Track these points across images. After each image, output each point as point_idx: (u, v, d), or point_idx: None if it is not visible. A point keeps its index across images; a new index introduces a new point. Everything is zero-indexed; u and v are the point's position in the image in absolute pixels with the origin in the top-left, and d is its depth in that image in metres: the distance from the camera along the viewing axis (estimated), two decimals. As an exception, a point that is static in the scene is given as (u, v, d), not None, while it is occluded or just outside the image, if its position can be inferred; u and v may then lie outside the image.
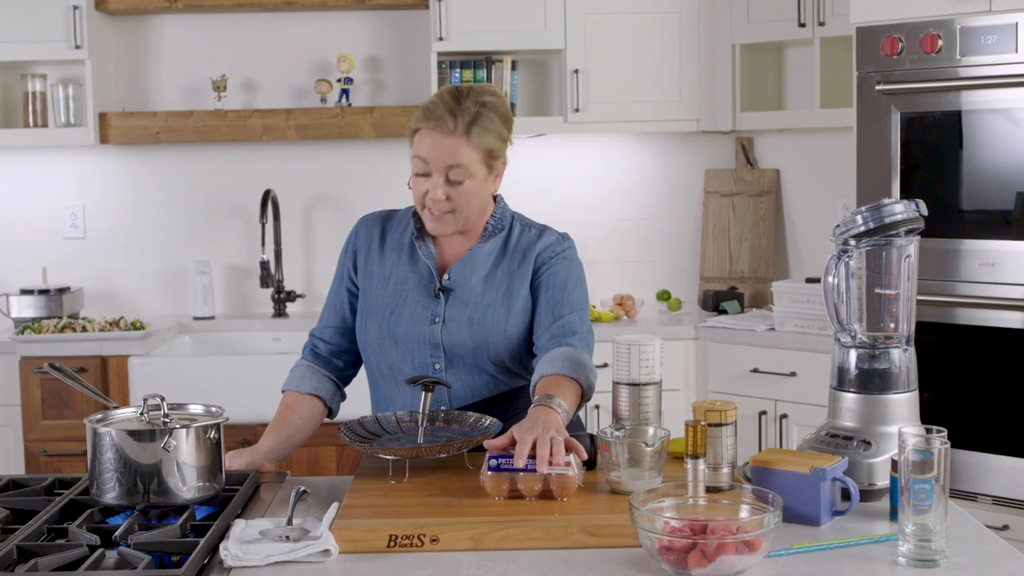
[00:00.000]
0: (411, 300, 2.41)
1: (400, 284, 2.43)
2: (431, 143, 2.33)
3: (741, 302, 4.51)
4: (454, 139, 2.32)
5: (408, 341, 2.40)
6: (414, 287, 2.42)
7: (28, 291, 4.45)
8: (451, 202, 2.35)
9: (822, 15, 4.16)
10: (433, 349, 2.39)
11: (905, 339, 2.15)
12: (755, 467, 2.02)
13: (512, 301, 2.41)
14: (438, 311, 2.40)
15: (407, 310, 2.41)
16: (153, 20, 4.70)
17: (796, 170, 4.70)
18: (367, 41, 4.74)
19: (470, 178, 2.34)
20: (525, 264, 2.44)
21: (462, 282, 2.41)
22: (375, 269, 2.47)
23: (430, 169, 2.33)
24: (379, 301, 2.43)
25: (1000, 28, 3.46)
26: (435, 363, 2.40)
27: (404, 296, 2.42)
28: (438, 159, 2.32)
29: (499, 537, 1.88)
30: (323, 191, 4.76)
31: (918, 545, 1.79)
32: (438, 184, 2.33)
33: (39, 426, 4.09)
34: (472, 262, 2.43)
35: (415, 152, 2.35)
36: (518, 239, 2.46)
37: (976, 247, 3.57)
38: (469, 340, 2.39)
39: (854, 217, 2.12)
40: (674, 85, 4.49)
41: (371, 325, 2.43)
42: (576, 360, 2.30)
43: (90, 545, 1.83)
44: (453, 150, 2.32)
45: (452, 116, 2.32)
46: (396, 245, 2.48)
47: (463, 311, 2.39)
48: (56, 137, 4.52)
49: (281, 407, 2.46)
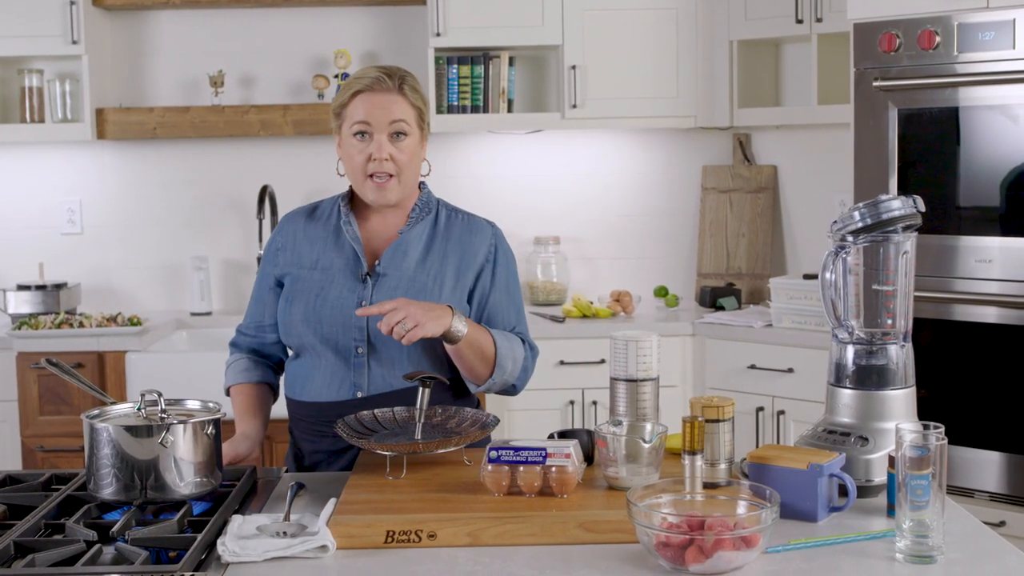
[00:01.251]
0: (337, 283, 2.44)
1: (326, 269, 2.46)
2: (371, 103, 2.40)
3: (738, 298, 4.51)
4: (393, 95, 2.41)
5: (333, 324, 2.41)
6: (340, 271, 2.45)
7: (25, 287, 4.45)
8: (394, 163, 2.40)
9: (819, 11, 4.16)
10: (358, 332, 2.40)
11: (902, 335, 2.15)
12: (752, 463, 2.02)
13: (443, 290, 2.44)
14: (364, 295, 2.42)
15: (332, 293, 2.43)
16: (150, 15, 4.70)
17: (794, 166, 4.70)
18: (364, 37, 4.73)
19: (409, 136, 2.42)
20: (464, 258, 2.48)
21: (393, 267, 2.44)
22: (304, 258, 2.49)
23: (371, 130, 2.40)
24: (305, 286, 2.46)
25: (998, 24, 3.46)
26: (358, 347, 2.41)
27: (330, 280, 2.45)
28: (380, 116, 2.40)
29: (496, 533, 1.88)
30: (320, 186, 4.75)
31: (915, 541, 1.79)
32: (382, 143, 2.40)
33: (36, 422, 4.09)
34: (402, 247, 2.46)
35: (354, 119, 2.41)
36: (446, 225, 2.51)
37: (973, 243, 3.57)
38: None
39: (851, 213, 2.12)
40: (671, 81, 4.49)
41: (296, 308, 2.44)
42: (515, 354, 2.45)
43: (87, 541, 1.84)
44: (392, 104, 2.41)
45: (387, 77, 2.42)
46: (322, 233, 2.51)
47: (392, 295, 2.40)
48: (53, 132, 4.51)
49: (244, 396, 2.53)
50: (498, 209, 4.66)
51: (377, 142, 2.39)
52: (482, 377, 2.43)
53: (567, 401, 4.21)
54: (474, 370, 2.41)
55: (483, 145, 4.80)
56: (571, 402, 4.22)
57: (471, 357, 2.38)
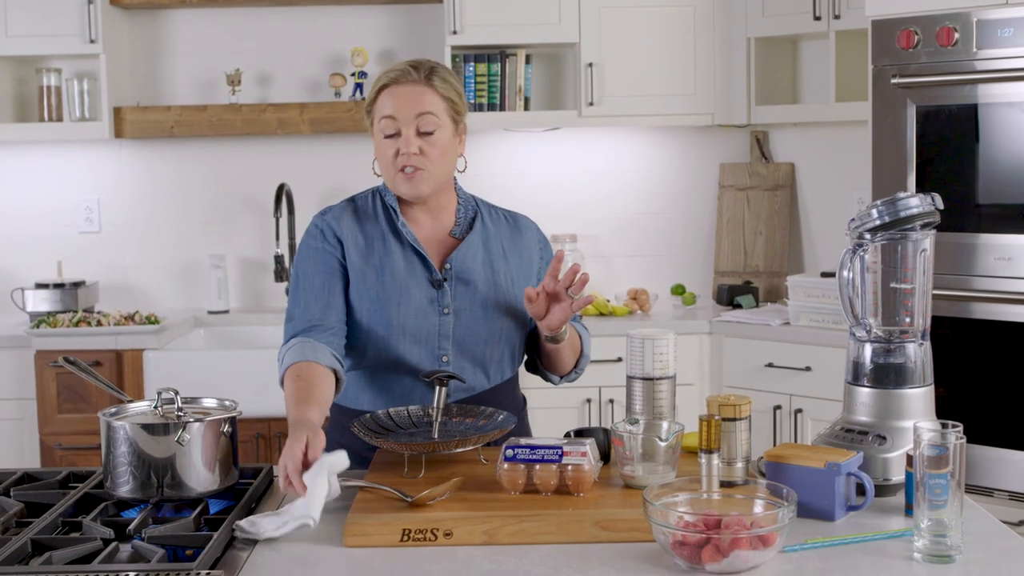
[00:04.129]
0: (413, 291, 2.36)
1: (395, 275, 2.36)
2: (398, 96, 2.34)
3: (756, 296, 4.50)
4: (420, 87, 2.34)
5: (418, 334, 2.35)
6: (411, 277, 2.36)
7: (43, 285, 4.47)
8: (423, 156, 2.33)
9: (837, 8, 4.15)
10: (442, 341, 2.37)
11: (920, 333, 2.14)
12: (769, 462, 2.01)
13: (517, 290, 2.42)
14: (445, 302, 2.37)
15: (413, 302, 2.35)
16: (167, 14, 4.71)
17: (811, 164, 4.68)
18: (381, 35, 4.74)
19: (439, 128, 2.34)
20: (523, 257, 2.47)
21: (466, 271, 2.39)
22: (366, 258, 2.37)
23: (399, 125, 2.34)
24: (379, 294, 2.35)
25: (1017, 21, 3.44)
26: (443, 355, 2.38)
27: (405, 287, 2.36)
28: (407, 110, 2.33)
29: (512, 531, 1.88)
30: (337, 185, 4.75)
31: (933, 540, 1.78)
32: (410, 137, 2.33)
33: (54, 420, 4.11)
34: (469, 250, 2.41)
35: (382, 114, 2.36)
36: (494, 225, 2.48)
37: (992, 241, 3.55)
38: (483, 327, 2.38)
39: (869, 211, 2.11)
40: (689, 79, 4.48)
41: (378, 318, 2.35)
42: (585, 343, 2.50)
43: (104, 538, 1.84)
44: (420, 96, 2.33)
45: (414, 69, 2.36)
46: (375, 234, 2.40)
47: (474, 300, 2.38)
48: (71, 131, 4.53)
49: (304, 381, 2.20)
50: (515, 207, 4.61)
51: (405, 137, 2.33)
52: (566, 371, 2.47)
53: (584, 399, 4.21)
54: (564, 364, 2.44)
55: (500, 143, 4.79)
56: (588, 400, 4.21)
57: (568, 353, 2.41)
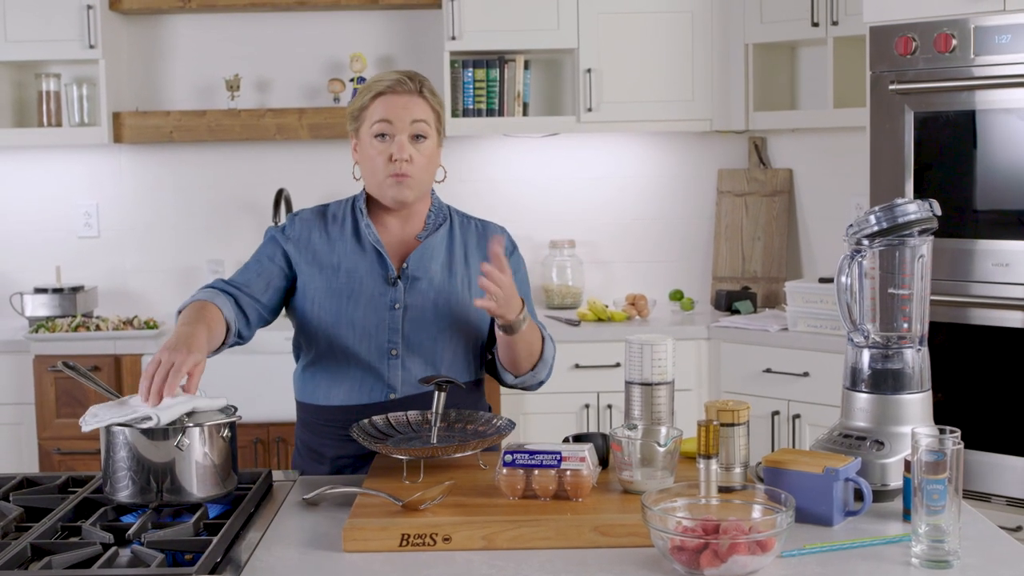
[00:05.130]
0: (366, 286, 2.44)
1: (351, 272, 2.45)
2: (393, 103, 2.43)
3: (754, 302, 4.51)
4: (415, 97, 2.44)
5: (366, 327, 2.43)
6: (367, 274, 2.45)
7: (42, 290, 4.47)
8: (412, 164, 2.41)
9: (835, 14, 4.16)
10: (392, 335, 2.43)
11: (918, 339, 2.15)
12: (768, 467, 2.01)
13: (472, 293, 2.47)
14: (396, 297, 2.43)
15: (364, 296, 2.43)
16: (167, 20, 4.72)
17: (809, 170, 4.69)
18: (380, 40, 4.74)
19: (429, 138, 2.44)
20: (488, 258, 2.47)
21: (422, 271, 2.45)
22: (323, 258, 2.47)
23: (393, 130, 2.41)
24: (332, 287, 2.44)
25: (1014, 28, 3.45)
26: (392, 349, 2.43)
27: (358, 282, 2.44)
28: (402, 116, 2.42)
29: (511, 536, 1.88)
30: (335, 190, 4.75)
31: (931, 546, 1.78)
32: (403, 143, 2.41)
33: (53, 424, 4.11)
34: (428, 252, 2.48)
35: (376, 118, 2.43)
36: (462, 231, 2.54)
37: (990, 247, 3.56)
38: (433, 325, 2.44)
39: (867, 217, 2.12)
40: (687, 85, 4.48)
41: (327, 310, 2.44)
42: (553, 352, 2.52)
43: (103, 543, 1.84)
44: (415, 106, 2.43)
45: (408, 79, 2.45)
46: (339, 235, 2.50)
47: (426, 298, 2.44)
48: (70, 136, 4.53)
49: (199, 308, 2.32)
50: (513, 212, 4.67)
51: (398, 142, 2.41)
52: (522, 371, 2.47)
53: (582, 405, 4.21)
54: (518, 363, 2.45)
55: (498, 148, 4.80)
56: (586, 406, 4.22)
57: (522, 350, 2.41)
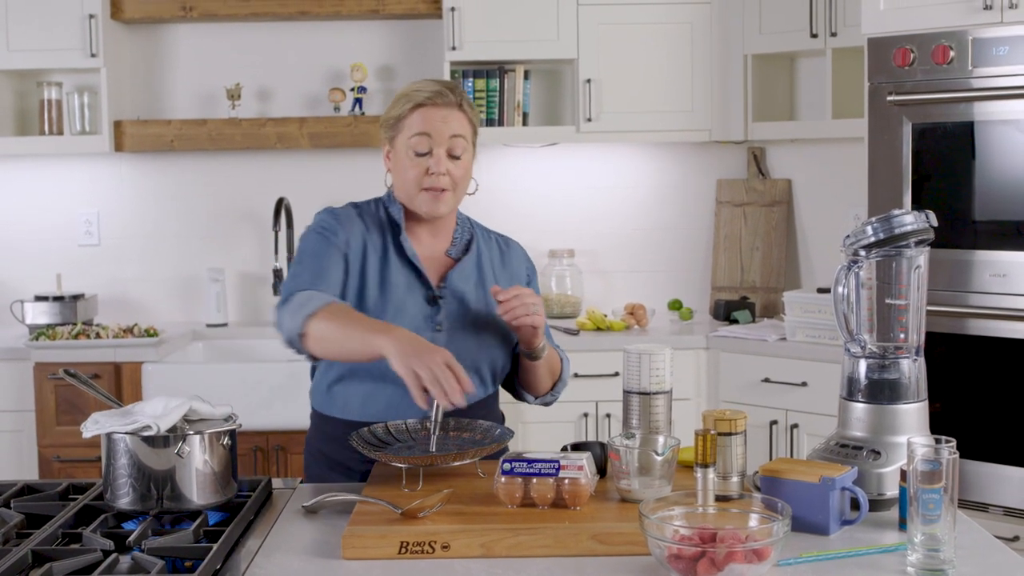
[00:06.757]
0: (409, 307, 2.39)
1: (395, 288, 2.40)
2: (433, 116, 2.37)
3: (752, 312, 4.52)
4: (456, 111, 2.40)
5: None
6: (407, 292, 2.40)
7: (43, 298, 4.48)
8: (451, 178, 2.38)
9: (834, 26, 4.17)
10: None
11: (915, 349, 2.16)
12: (764, 476, 2.02)
13: None
14: (438, 319, 2.41)
15: (407, 316, 2.38)
16: (168, 29, 4.73)
17: (808, 180, 4.70)
18: (380, 50, 4.76)
19: (466, 152, 2.41)
20: (511, 278, 2.51)
21: (460, 289, 2.43)
22: (369, 271, 2.41)
23: (432, 144, 2.37)
24: (375, 306, 2.38)
25: (1012, 40, 3.47)
26: None
27: (402, 302, 2.39)
28: (442, 130, 2.37)
29: (509, 544, 1.89)
30: (336, 199, 4.72)
31: (927, 555, 1.79)
32: (441, 157, 2.37)
33: (53, 432, 4.12)
34: (464, 269, 2.46)
35: (416, 131, 2.37)
36: (486, 246, 2.53)
37: (988, 258, 3.57)
38: (473, 345, 2.41)
39: (864, 228, 2.13)
40: (686, 95, 4.50)
41: None
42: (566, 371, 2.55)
43: (104, 550, 1.85)
44: (454, 119, 2.38)
45: (450, 91, 2.40)
46: (378, 246, 2.44)
47: (464, 317, 2.42)
48: (71, 145, 4.55)
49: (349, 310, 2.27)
50: (513, 222, 4.67)
51: (436, 156, 2.37)
52: (542, 391, 2.49)
53: (581, 414, 4.22)
54: (540, 384, 2.48)
55: (498, 158, 4.81)
56: (585, 414, 4.22)
57: (544, 372, 2.44)
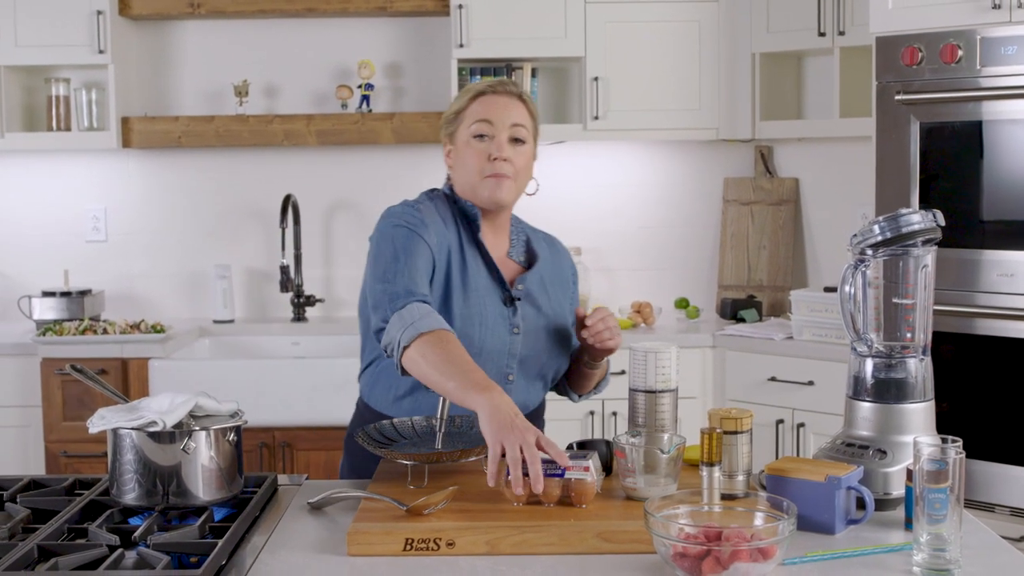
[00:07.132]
0: (490, 309, 2.36)
1: (477, 293, 2.35)
2: (495, 103, 2.39)
3: (759, 310, 4.51)
4: (516, 100, 2.41)
5: (492, 352, 2.35)
6: (487, 295, 2.37)
7: (50, 293, 4.49)
8: (511, 165, 2.37)
9: (842, 25, 4.17)
10: (509, 359, 2.38)
11: (921, 349, 2.15)
12: (770, 475, 2.02)
13: (567, 314, 2.48)
14: (515, 321, 2.39)
15: (490, 321, 2.35)
16: (176, 25, 4.74)
17: (815, 179, 4.70)
18: (388, 48, 4.76)
19: (527, 142, 2.41)
20: (563, 282, 2.53)
21: (533, 293, 2.43)
22: (452, 271, 2.35)
23: (494, 130, 2.37)
24: (464, 311, 2.33)
25: (1020, 39, 3.46)
26: (508, 374, 2.38)
27: (485, 306, 2.36)
28: (504, 117, 2.38)
29: (515, 542, 1.89)
30: (343, 196, 4.78)
31: (932, 555, 1.79)
32: (503, 143, 2.37)
33: (60, 427, 4.12)
34: (536, 273, 2.46)
35: (478, 117, 2.38)
36: (537, 247, 2.51)
37: (996, 258, 3.56)
38: (545, 348, 2.42)
39: (871, 227, 2.12)
40: (694, 93, 4.49)
41: (459, 335, 2.26)
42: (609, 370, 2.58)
43: (110, 545, 1.85)
44: (514, 108, 2.40)
45: (511, 82, 2.45)
46: (457, 244, 2.38)
47: (537, 320, 2.41)
48: (79, 141, 4.56)
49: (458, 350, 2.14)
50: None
51: (498, 142, 2.36)
52: (588, 389, 2.54)
53: (587, 412, 4.22)
54: (590, 385, 2.53)
55: (505, 156, 4.80)
56: (591, 412, 4.22)
57: (599, 374, 2.50)
